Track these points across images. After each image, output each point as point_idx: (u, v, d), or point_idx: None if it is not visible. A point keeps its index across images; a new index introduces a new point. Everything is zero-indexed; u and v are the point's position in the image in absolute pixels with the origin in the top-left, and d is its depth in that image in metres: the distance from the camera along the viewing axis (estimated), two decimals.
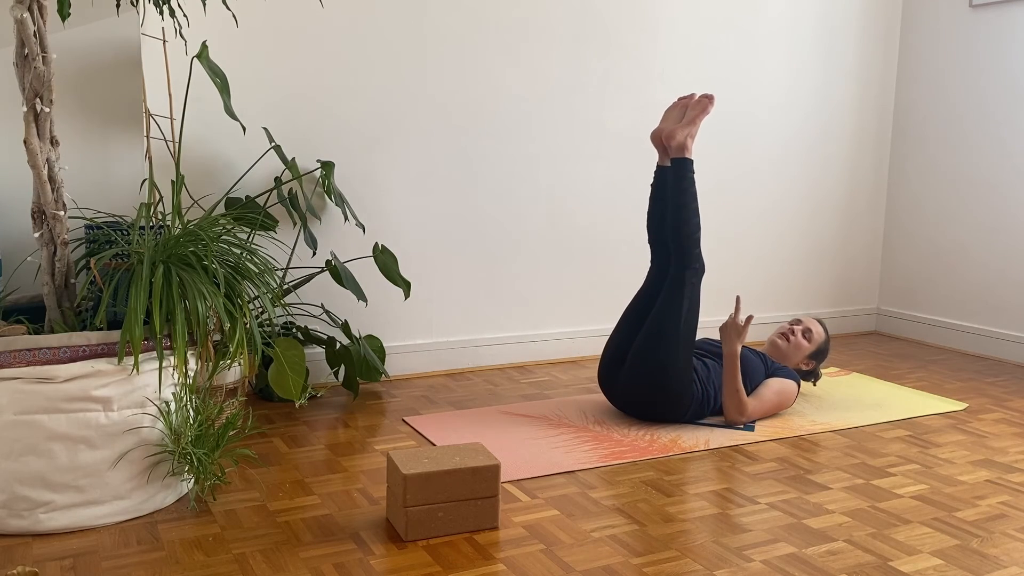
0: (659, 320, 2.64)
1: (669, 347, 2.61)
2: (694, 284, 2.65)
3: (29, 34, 1.91)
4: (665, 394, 2.63)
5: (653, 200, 2.80)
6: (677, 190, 2.66)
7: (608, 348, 2.79)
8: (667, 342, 2.61)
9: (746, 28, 3.73)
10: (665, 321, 2.63)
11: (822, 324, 3.02)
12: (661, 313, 2.64)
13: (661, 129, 2.73)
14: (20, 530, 1.86)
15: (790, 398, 2.77)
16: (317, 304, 3.04)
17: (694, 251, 2.66)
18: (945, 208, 3.97)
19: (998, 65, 3.72)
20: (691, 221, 2.65)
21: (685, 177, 2.66)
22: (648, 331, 2.65)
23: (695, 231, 2.66)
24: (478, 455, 1.96)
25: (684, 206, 2.65)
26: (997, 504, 2.15)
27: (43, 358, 1.87)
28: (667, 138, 2.70)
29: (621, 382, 2.70)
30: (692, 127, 2.69)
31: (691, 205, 2.65)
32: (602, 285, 3.58)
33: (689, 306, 2.63)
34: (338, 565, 1.77)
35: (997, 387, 3.27)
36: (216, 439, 1.99)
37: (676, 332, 2.62)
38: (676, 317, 2.62)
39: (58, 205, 2.01)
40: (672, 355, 2.62)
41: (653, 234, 2.81)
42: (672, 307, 2.63)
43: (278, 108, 2.93)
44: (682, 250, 2.66)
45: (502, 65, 3.25)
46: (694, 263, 2.66)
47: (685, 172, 2.66)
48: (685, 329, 2.63)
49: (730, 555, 1.85)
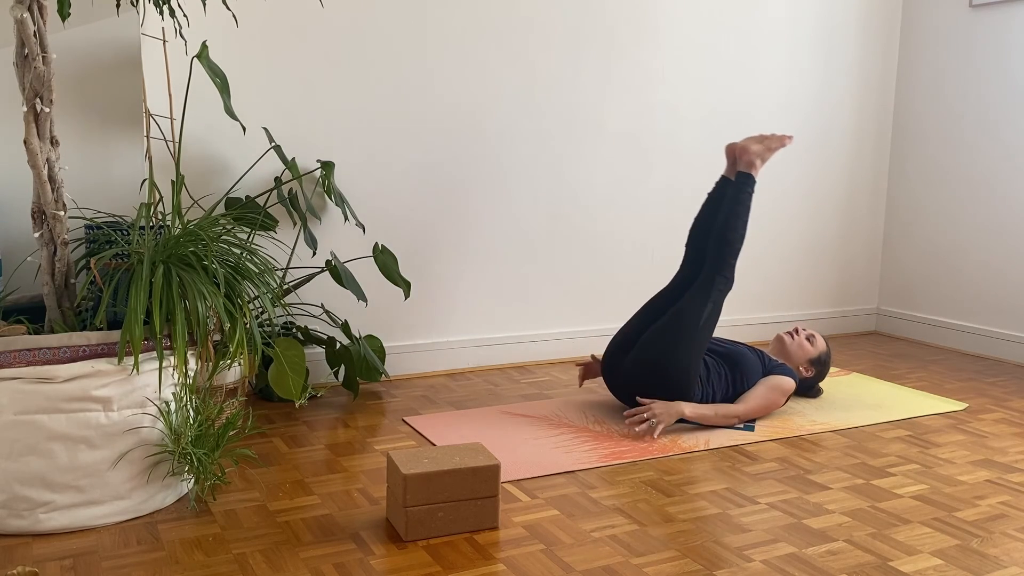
0: (679, 316, 2.67)
1: (682, 344, 2.64)
2: (721, 292, 2.71)
3: (29, 34, 1.91)
4: (666, 389, 2.64)
5: (706, 206, 2.89)
6: (734, 200, 2.76)
7: (617, 336, 2.81)
8: (682, 339, 2.64)
9: (746, 28, 3.73)
10: (685, 318, 2.66)
11: (824, 340, 3.04)
12: (682, 310, 2.67)
13: (738, 143, 2.85)
14: (20, 530, 1.86)
15: (784, 394, 2.76)
16: (317, 304, 3.04)
17: (730, 262, 2.73)
18: (945, 208, 3.97)
19: (998, 65, 3.72)
20: (737, 232, 2.74)
21: (744, 191, 2.77)
22: (664, 325, 2.67)
23: (737, 244, 2.74)
24: (478, 455, 1.96)
25: (736, 216, 2.74)
26: (997, 504, 2.15)
27: (43, 358, 1.87)
28: (740, 151, 2.82)
29: (625, 368, 2.71)
30: (766, 152, 2.82)
31: (742, 217, 2.75)
32: (602, 285, 3.58)
33: (711, 311, 2.68)
34: (338, 565, 1.77)
35: (997, 387, 3.27)
36: (216, 439, 1.99)
37: (693, 331, 2.65)
38: (696, 317, 2.66)
39: (58, 205, 2.01)
40: (683, 353, 2.64)
41: (693, 239, 2.88)
42: (695, 306, 2.67)
43: (278, 108, 2.93)
44: (720, 257, 2.73)
45: (502, 65, 3.26)
46: (726, 272, 2.72)
47: (746, 186, 2.77)
48: (702, 331, 2.66)
49: (730, 555, 1.85)
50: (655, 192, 3.63)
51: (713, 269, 2.72)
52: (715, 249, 2.74)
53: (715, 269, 2.72)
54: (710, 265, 2.73)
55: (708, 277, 2.72)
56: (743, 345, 2.89)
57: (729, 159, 2.88)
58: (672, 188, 3.67)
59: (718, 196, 2.88)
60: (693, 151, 3.69)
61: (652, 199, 3.63)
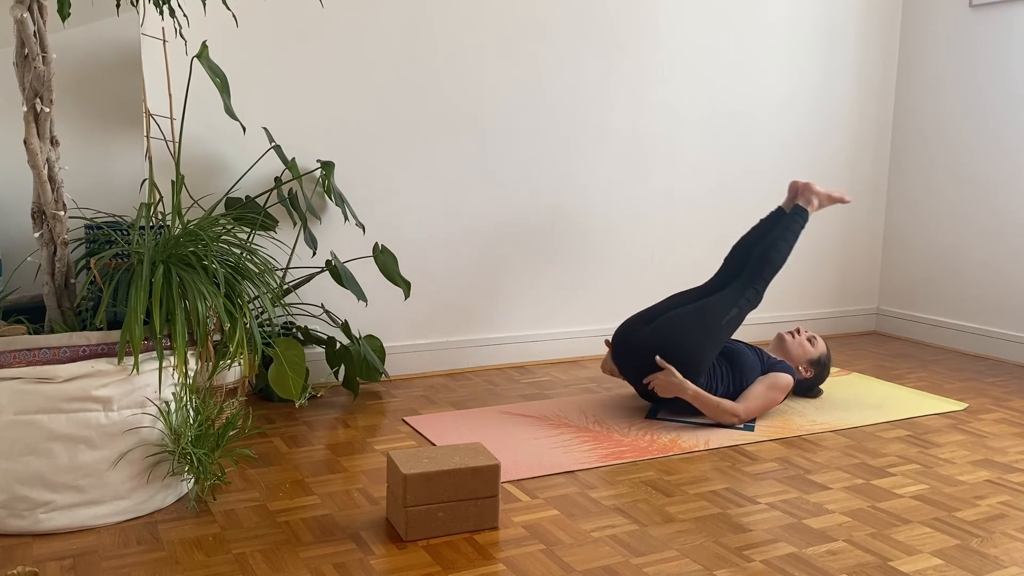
0: (704, 309, 2.76)
1: (701, 332, 2.71)
2: (749, 303, 2.81)
3: (29, 34, 1.91)
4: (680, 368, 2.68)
5: (755, 228, 3.02)
6: (786, 227, 2.92)
7: (639, 312, 2.89)
8: (702, 328, 2.72)
9: (746, 28, 3.73)
10: (710, 311, 2.75)
11: (825, 344, 3.05)
12: (709, 305, 2.77)
13: (803, 181, 3.02)
14: (20, 530, 1.86)
15: (783, 391, 2.77)
16: (317, 304, 3.04)
17: (766, 279, 2.85)
18: (945, 208, 3.97)
19: (998, 65, 3.72)
20: (781, 253, 2.87)
21: (797, 220, 2.94)
22: (690, 310, 2.76)
23: (778, 264, 2.86)
24: (478, 455, 1.96)
25: (784, 240, 2.89)
26: (997, 504, 2.15)
27: (43, 358, 1.87)
28: (804, 188, 3.00)
29: (641, 336, 2.76)
30: (826, 200, 3.01)
31: (789, 243, 2.89)
32: (602, 285, 3.59)
33: (736, 315, 2.77)
34: (338, 565, 1.77)
35: (997, 387, 3.27)
36: (216, 439, 1.99)
37: (715, 325, 2.73)
38: (721, 314, 2.75)
39: (58, 205, 2.01)
40: (700, 341, 2.70)
41: (734, 255, 3.00)
42: (722, 304, 2.78)
43: (278, 108, 2.93)
44: (758, 271, 2.84)
45: (502, 65, 3.26)
46: (759, 286, 2.84)
47: (800, 217, 2.95)
48: (722, 329, 2.74)
49: (730, 555, 1.85)
50: (655, 192, 3.63)
51: (748, 280, 2.84)
52: (756, 263, 2.85)
53: (750, 281, 2.83)
54: (746, 276, 2.85)
55: (742, 285, 2.82)
56: (741, 343, 2.90)
57: (791, 194, 3.03)
58: (672, 188, 3.67)
59: (770, 222, 3.01)
60: (693, 151, 3.69)
61: (652, 199, 3.63)
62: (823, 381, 3.03)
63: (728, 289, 2.83)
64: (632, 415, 2.79)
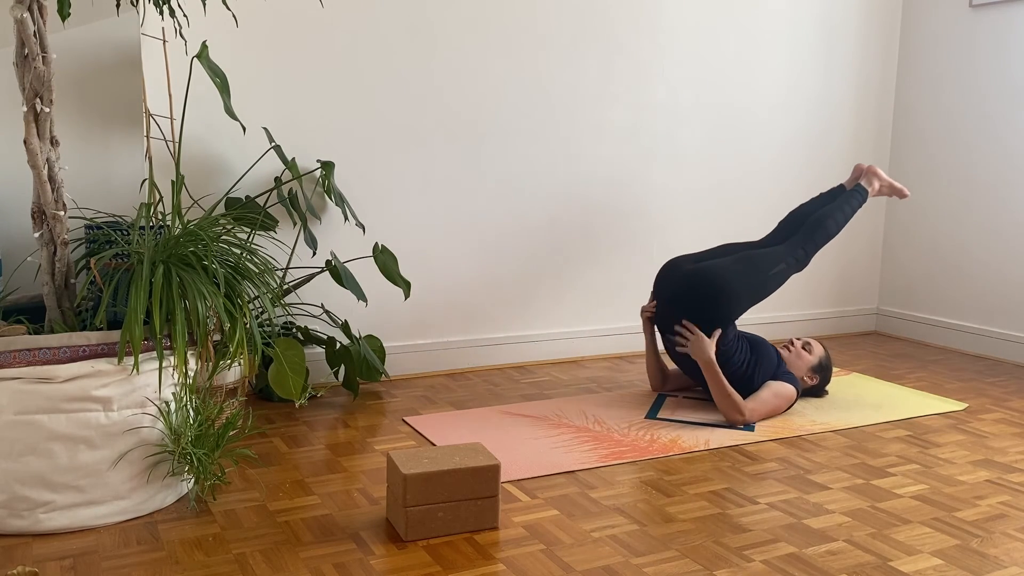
0: (752, 258, 2.84)
1: (744, 278, 2.78)
2: (797, 261, 2.90)
3: (29, 34, 1.91)
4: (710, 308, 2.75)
5: (813, 201, 3.13)
6: (844, 202, 3.02)
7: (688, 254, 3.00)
8: (746, 275, 2.79)
9: (746, 28, 3.73)
10: (759, 259, 2.84)
11: (821, 345, 3.06)
12: (760, 253, 2.86)
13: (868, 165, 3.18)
14: (20, 530, 1.86)
15: (787, 401, 2.79)
16: (317, 304, 3.04)
17: (817, 245, 2.93)
18: (945, 208, 3.97)
19: (998, 65, 3.72)
20: (836, 222, 2.96)
21: (856, 196, 3.05)
22: (738, 256, 2.84)
23: (832, 231, 2.95)
24: (478, 455, 1.96)
25: (841, 210, 2.99)
26: (997, 504, 2.15)
27: (43, 358, 1.87)
28: (869, 170, 3.12)
29: (684, 272, 2.83)
30: (887, 188, 3.13)
31: (846, 214, 2.99)
32: (602, 285, 3.58)
33: (782, 270, 2.86)
34: (338, 565, 1.77)
35: (997, 387, 3.27)
36: (216, 439, 1.99)
37: (759, 275, 2.82)
38: (770, 265, 2.84)
39: (58, 205, 2.01)
40: (741, 287, 2.77)
41: (790, 221, 3.09)
42: (773, 256, 2.87)
43: (278, 108, 2.93)
44: (811, 235, 2.93)
45: (501, 64, 3.26)
46: (809, 249, 2.92)
47: (860, 194, 3.06)
48: (765, 281, 2.82)
49: (730, 555, 1.85)
50: (655, 192, 3.63)
51: (800, 242, 2.92)
52: (810, 227, 2.94)
53: (801, 243, 2.91)
54: (799, 237, 2.93)
55: (792, 245, 2.91)
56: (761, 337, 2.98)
57: (855, 174, 3.14)
58: (672, 188, 3.67)
59: (830, 195, 3.12)
60: (693, 151, 3.69)
61: (652, 199, 3.63)
62: (829, 382, 3.04)
63: (780, 246, 2.91)
64: (632, 415, 2.79)
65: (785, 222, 3.09)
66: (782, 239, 3.05)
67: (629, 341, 3.66)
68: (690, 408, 2.88)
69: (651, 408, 2.87)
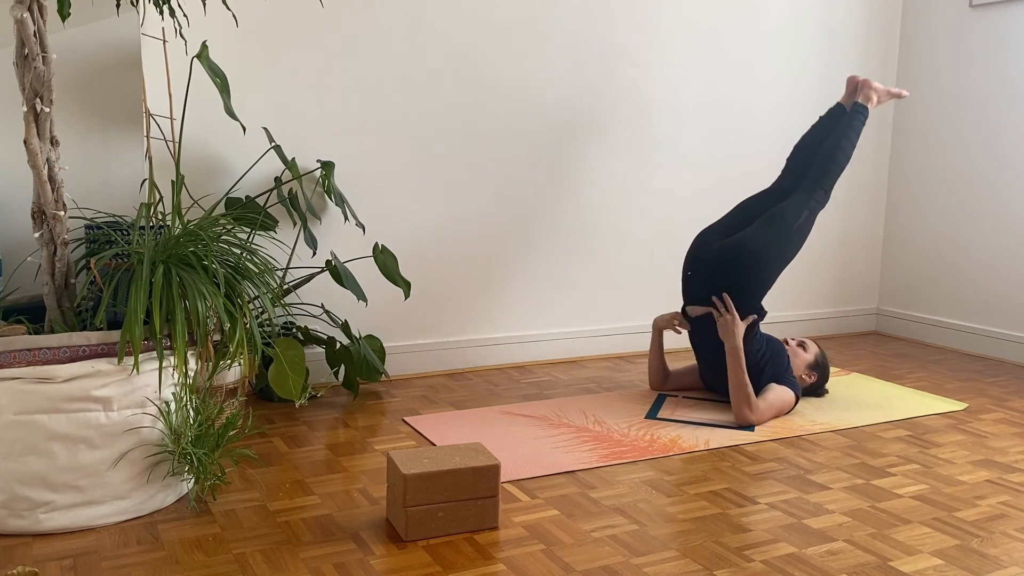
0: (775, 217, 2.84)
1: (774, 243, 2.79)
2: (819, 203, 2.87)
3: (29, 34, 1.91)
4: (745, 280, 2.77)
5: (816, 126, 3.06)
6: (847, 125, 2.95)
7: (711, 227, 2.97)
8: (775, 238, 2.80)
9: (747, 28, 3.73)
10: (780, 219, 2.82)
11: (814, 343, 3.08)
12: (782, 210, 2.85)
13: (862, 77, 3.06)
14: (20, 530, 1.86)
15: (788, 406, 2.80)
16: (317, 304, 3.04)
17: (833, 178, 2.90)
18: (945, 208, 3.97)
19: (998, 65, 3.72)
20: (845, 152, 2.91)
21: (858, 117, 2.96)
22: (762, 222, 2.84)
23: (843, 162, 2.91)
24: (478, 455, 1.96)
25: (847, 137, 2.93)
26: (997, 504, 2.15)
27: (43, 358, 1.87)
28: (864, 85, 3.02)
29: (714, 250, 2.84)
30: (885, 96, 3.04)
31: (852, 140, 2.93)
32: (602, 285, 3.58)
33: (806, 218, 2.85)
34: (338, 565, 1.77)
35: (997, 387, 3.27)
36: (216, 439, 1.99)
37: (787, 233, 2.81)
38: (792, 220, 2.82)
39: (58, 205, 2.01)
40: (773, 252, 2.79)
41: (797, 154, 3.04)
42: (793, 208, 2.84)
43: (278, 108, 2.93)
44: (825, 172, 2.90)
45: (501, 65, 3.26)
46: (827, 186, 2.89)
47: (860, 114, 2.97)
48: (794, 236, 2.83)
49: (730, 555, 1.85)
50: (655, 192, 3.63)
51: (815, 182, 2.89)
52: (821, 163, 2.91)
53: (817, 182, 2.89)
54: (813, 178, 2.90)
55: (809, 188, 2.89)
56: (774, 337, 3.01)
57: (849, 88, 3.05)
58: (672, 188, 3.67)
59: (830, 120, 3.04)
60: (693, 151, 3.69)
61: (652, 199, 3.63)
62: (827, 380, 3.04)
63: (796, 194, 2.89)
64: (632, 415, 2.79)
65: (793, 158, 3.05)
66: (795, 179, 3.00)
67: (629, 341, 3.66)
68: (690, 408, 2.88)
69: (651, 408, 2.87)
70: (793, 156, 3.05)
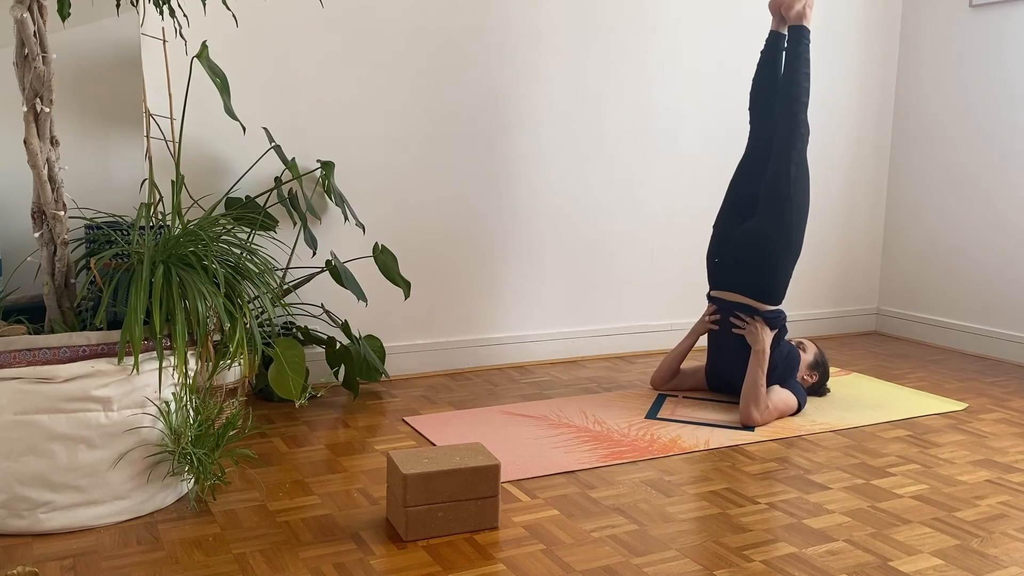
0: (769, 184, 2.82)
1: (781, 211, 2.78)
2: (801, 148, 2.82)
3: (29, 34, 1.91)
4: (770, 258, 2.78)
5: (762, 65, 2.98)
6: (792, 55, 2.83)
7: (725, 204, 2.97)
8: (782, 205, 2.79)
9: (747, 28, 3.73)
10: (776, 184, 2.81)
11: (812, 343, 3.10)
12: (771, 180, 2.81)
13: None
14: (20, 530, 1.86)
15: (790, 410, 2.81)
16: (317, 304, 3.04)
17: (801, 115, 2.82)
18: (945, 208, 3.97)
19: (998, 65, 3.72)
20: (801, 85, 2.82)
21: (800, 43, 2.83)
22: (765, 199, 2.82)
23: (804, 96, 2.82)
24: (478, 455, 1.96)
25: (797, 69, 2.82)
26: (997, 504, 2.15)
27: (43, 358, 1.87)
28: (786, 8, 2.87)
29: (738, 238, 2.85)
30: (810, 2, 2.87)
31: (803, 70, 2.82)
32: (602, 285, 3.58)
33: (797, 171, 2.80)
34: (338, 565, 1.77)
35: (997, 387, 3.27)
36: (216, 439, 1.99)
37: (787, 188, 2.79)
38: (785, 176, 2.80)
39: (58, 205, 2.01)
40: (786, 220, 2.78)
41: (756, 97, 2.98)
42: (781, 166, 2.81)
43: (278, 108, 2.93)
44: (791, 113, 2.81)
45: (502, 64, 3.26)
46: (801, 126, 2.82)
47: (801, 38, 2.83)
48: (795, 188, 2.78)
49: (730, 555, 1.85)
50: (655, 192, 3.63)
51: (788, 128, 2.82)
52: (784, 107, 2.83)
53: (790, 127, 2.81)
54: (784, 125, 2.82)
55: (785, 137, 2.82)
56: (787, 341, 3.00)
57: (774, 14, 2.94)
58: (672, 188, 3.67)
59: (772, 51, 2.95)
60: (693, 151, 3.69)
61: (652, 199, 3.63)
62: (828, 379, 3.05)
63: (776, 153, 2.82)
64: (632, 415, 2.79)
65: (755, 101, 2.98)
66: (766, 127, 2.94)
67: (629, 341, 3.66)
68: (690, 408, 2.88)
69: (651, 408, 2.87)
70: (753, 100, 2.99)
